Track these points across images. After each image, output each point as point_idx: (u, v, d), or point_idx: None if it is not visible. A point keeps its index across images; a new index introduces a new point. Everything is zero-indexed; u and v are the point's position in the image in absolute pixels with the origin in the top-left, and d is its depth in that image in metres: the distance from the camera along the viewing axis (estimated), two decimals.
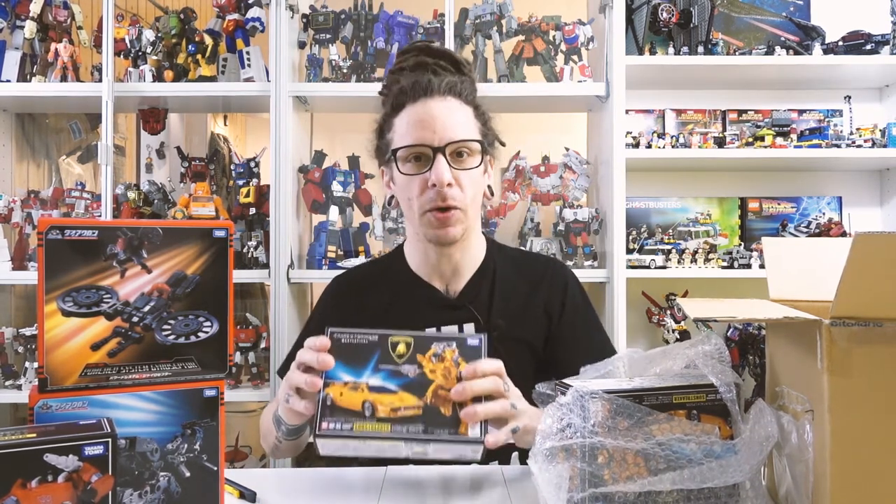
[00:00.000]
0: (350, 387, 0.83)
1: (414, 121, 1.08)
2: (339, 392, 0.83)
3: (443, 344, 0.87)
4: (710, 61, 2.11)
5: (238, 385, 2.08)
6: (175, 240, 0.70)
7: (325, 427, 0.81)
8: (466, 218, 1.11)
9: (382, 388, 0.83)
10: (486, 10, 2.11)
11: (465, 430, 0.82)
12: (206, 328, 0.72)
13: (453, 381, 0.84)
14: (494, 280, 1.19)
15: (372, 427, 0.81)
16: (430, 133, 1.06)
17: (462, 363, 0.85)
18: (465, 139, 1.08)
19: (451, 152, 1.07)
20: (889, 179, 2.31)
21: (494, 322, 1.14)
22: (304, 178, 2.16)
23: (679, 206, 2.27)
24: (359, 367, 0.84)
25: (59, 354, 0.66)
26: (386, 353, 0.85)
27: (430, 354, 0.86)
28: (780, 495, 0.77)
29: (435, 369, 0.85)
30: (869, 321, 0.63)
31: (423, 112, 1.08)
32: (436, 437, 0.81)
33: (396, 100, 1.11)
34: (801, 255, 0.93)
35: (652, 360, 0.82)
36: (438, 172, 1.05)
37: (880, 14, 2.27)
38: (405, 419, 0.82)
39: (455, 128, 1.07)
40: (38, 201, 2.15)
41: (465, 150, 1.09)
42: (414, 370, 0.85)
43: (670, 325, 2.17)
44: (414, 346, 0.86)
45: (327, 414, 0.82)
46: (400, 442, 0.81)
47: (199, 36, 2.12)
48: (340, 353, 0.85)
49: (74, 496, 0.58)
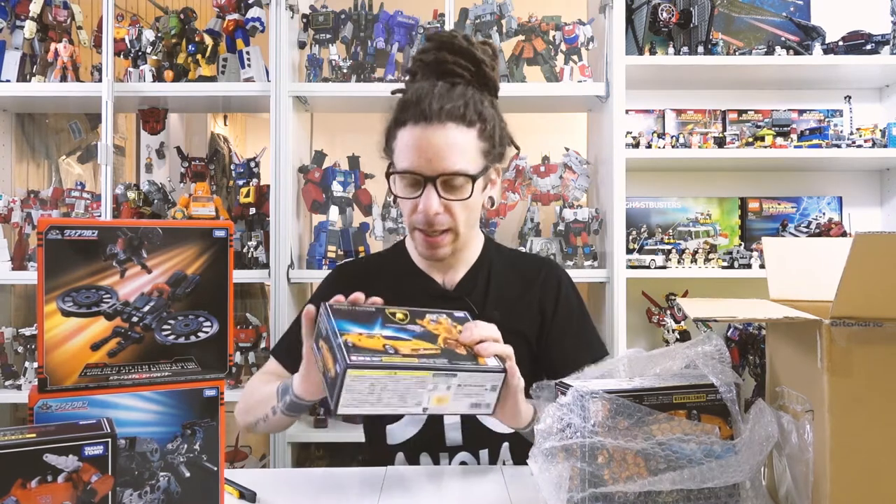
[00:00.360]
0: (366, 336, 0.83)
1: (410, 146, 1.08)
2: (357, 338, 0.82)
3: (435, 314, 0.92)
4: (710, 61, 2.11)
5: (238, 385, 2.08)
6: (175, 240, 0.70)
7: (356, 359, 0.78)
8: (457, 238, 1.13)
9: (396, 337, 0.85)
10: (486, 10, 2.11)
11: (485, 362, 0.86)
12: (206, 328, 0.72)
13: (456, 335, 0.88)
14: (490, 274, 1.21)
15: (400, 360, 0.80)
16: (424, 162, 1.06)
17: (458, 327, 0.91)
18: (457, 171, 1.07)
19: (443, 182, 1.07)
20: (889, 179, 2.31)
21: (490, 313, 1.16)
22: (304, 178, 2.16)
23: (679, 206, 2.27)
24: (367, 325, 0.86)
25: (59, 354, 0.66)
26: (387, 319, 0.88)
27: (428, 320, 0.91)
28: (780, 495, 0.77)
29: (437, 328, 0.89)
30: (869, 321, 0.63)
31: (420, 139, 1.07)
32: (461, 367, 0.83)
33: (400, 113, 1.11)
34: (802, 255, 0.93)
35: (653, 361, 0.82)
36: (427, 203, 1.07)
37: (880, 14, 2.27)
38: (428, 356, 0.82)
39: (449, 159, 1.06)
40: (38, 201, 2.15)
41: (458, 181, 1.08)
42: (418, 328, 0.88)
43: (670, 325, 2.17)
44: (411, 315, 0.90)
45: (353, 351, 0.79)
46: (428, 374, 0.80)
47: (199, 36, 2.12)
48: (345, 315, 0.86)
49: (74, 496, 0.58)
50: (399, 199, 1.13)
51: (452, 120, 1.07)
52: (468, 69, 1.12)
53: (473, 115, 1.09)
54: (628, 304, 2.02)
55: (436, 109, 1.06)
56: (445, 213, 1.08)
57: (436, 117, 1.06)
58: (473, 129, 1.09)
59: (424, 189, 1.07)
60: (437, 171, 1.06)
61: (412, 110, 1.08)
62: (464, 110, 1.07)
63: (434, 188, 1.06)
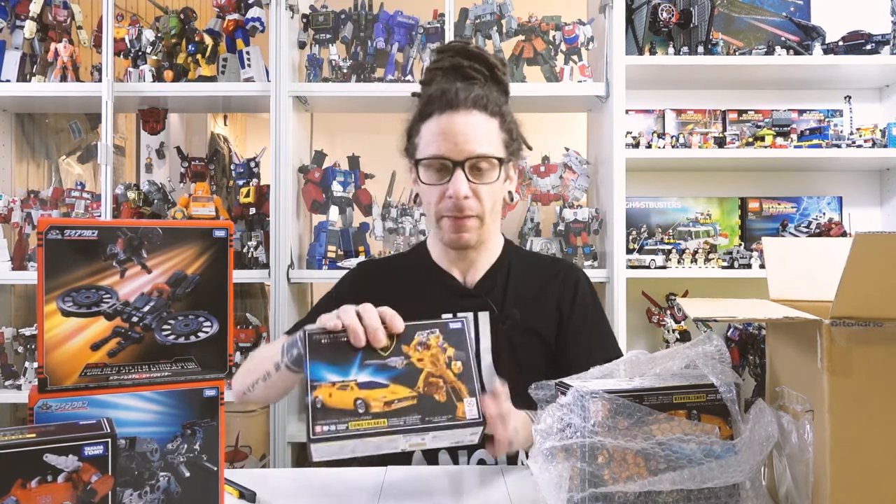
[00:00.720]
0: (339, 386, 0.80)
1: (437, 133, 1.12)
2: (328, 393, 0.79)
3: (426, 332, 0.85)
4: (710, 61, 2.11)
5: None
6: (175, 240, 0.70)
7: (320, 430, 0.77)
8: (482, 225, 1.15)
9: (372, 383, 0.81)
10: (486, 10, 2.11)
11: (463, 412, 0.81)
12: (206, 328, 0.72)
13: (442, 366, 0.83)
14: (509, 274, 1.24)
15: (368, 424, 0.78)
16: (452, 146, 1.10)
17: (449, 348, 0.84)
18: (484, 154, 1.11)
19: (471, 166, 1.11)
20: (889, 179, 2.31)
21: (509, 311, 1.18)
22: (304, 178, 2.16)
23: (679, 206, 2.27)
24: (344, 366, 0.81)
25: (59, 354, 0.66)
26: (369, 349, 0.83)
27: (415, 344, 0.84)
28: (780, 495, 0.77)
29: (422, 357, 0.84)
30: (869, 321, 0.63)
31: (447, 125, 1.11)
32: (434, 425, 0.80)
33: (424, 108, 1.15)
34: (802, 255, 0.93)
35: (654, 362, 0.82)
36: (456, 186, 1.10)
37: (880, 14, 2.27)
38: (400, 411, 0.80)
39: (476, 142, 1.11)
40: (38, 201, 2.15)
41: (486, 164, 1.12)
42: (401, 361, 0.83)
43: (670, 325, 2.17)
44: (397, 339, 0.84)
45: (319, 417, 0.78)
46: (398, 435, 0.79)
47: (199, 36, 2.12)
48: (322, 354, 0.82)
49: (74, 496, 0.58)
50: (425, 189, 1.16)
51: (478, 108, 1.12)
52: (483, 72, 1.19)
53: (495, 107, 1.15)
54: (628, 304, 2.02)
55: (462, 98, 1.12)
56: (474, 198, 1.12)
57: (462, 104, 1.11)
58: (496, 119, 1.14)
59: (453, 174, 1.10)
60: (466, 155, 1.10)
61: (437, 102, 1.13)
62: (486, 101, 1.13)
63: (463, 172, 1.10)
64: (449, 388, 0.82)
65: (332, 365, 0.81)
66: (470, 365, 0.84)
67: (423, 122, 1.15)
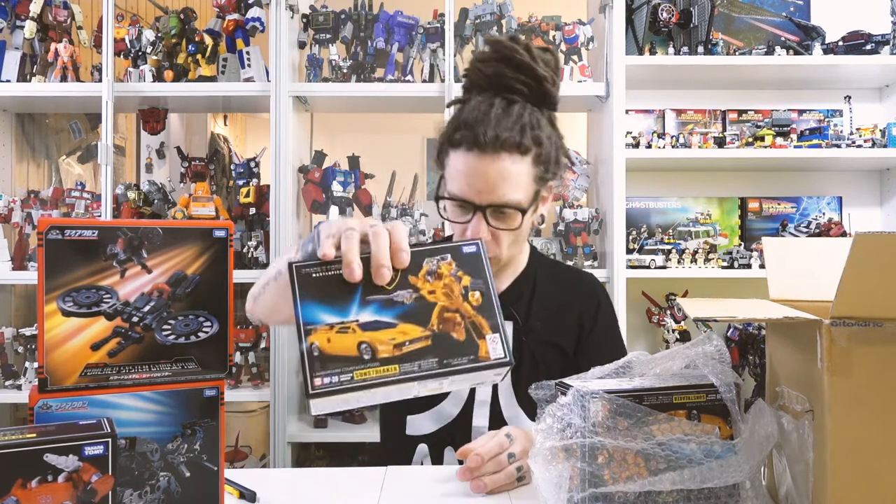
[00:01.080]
0: (338, 329, 0.68)
1: (462, 172, 1.05)
2: (325, 338, 0.67)
3: (435, 258, 0.73)
4: (710, 61, 2.11)
5: (238, 385, 2.08)
6: (175, 240, 0.70)
7: (320, 383, 0.66)
8: (502, 259, 1.12)
9: (377, 322, 0.69)
10: (486, 10, 2.11)
11: (486, 352, 0.70)
12: (206, 328, 0.72)
13: (458, 298, 0.71)
14: (535, 286, 1.22)
15: (376, 372, 0.67)
16: (475, 192, 1.04)
17: (464, 277, 0.72)
18: (507, 203, 1.05)
19: (492, 211, 1.06)
20: (889, 179, 2.31)
21: (532, 324, 1.17)
22: (304, 178, 2.16)
23: (679, 206, 2.27)
24: (342, 304, 0.69)
25: (59, 354, 0.66)
26: (370, 282, 0.70)
27: (424, 273, 0.72)
28: (780, 495, 0.77)
29: (434, 289, 0.71)
30: (869, 321, 0.63)
31: (472, 167, 1.04)
32: (455, 368, 0.69)
33: (454, 132, 1.07)
34: (801, 255, 0.93)
35: (654, 363, 0.82)
36: (474, 231, 1.05)
37: (880, 14, 2.27)
38: (413, 354, 0.68)
39: (500, 191, 1.04)
40: (38, 201, 2.15)
41: (508, 211, 1.06)
42: (409, 295, 0.71)
43: (670, 325, 2.17)
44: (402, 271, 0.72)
45: (317, 367, 0.66)
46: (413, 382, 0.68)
47: (199, 36, 2.12)
48: (314, 291, 0.69)
49: (74, 496, 0.58)
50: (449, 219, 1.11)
51: (506, 150, 1.03)
52: (528, 85, 1.07)
53: (529, 141, 1.04)
54: (628, 304, 2.02)
55: (490, 138, 1.02)
56: (493, 241, 1.07)
57: (490, 147, 1.02)
58: (528, 156, 1.05)
59: (473, 216, 1.05)
60: (487, 202, 1.04)
61: (467, 134, 1.04)
62: (520, 138, 1.03)
63: (483, 216, 1.05)
64: (468, 323, 0.70)
65: (328, 304, 0.69)
66: (490, 294, 0.72)
67: (452, 149, 1.07)
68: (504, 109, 1.05)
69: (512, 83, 1.06)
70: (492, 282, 0.73)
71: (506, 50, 1.06)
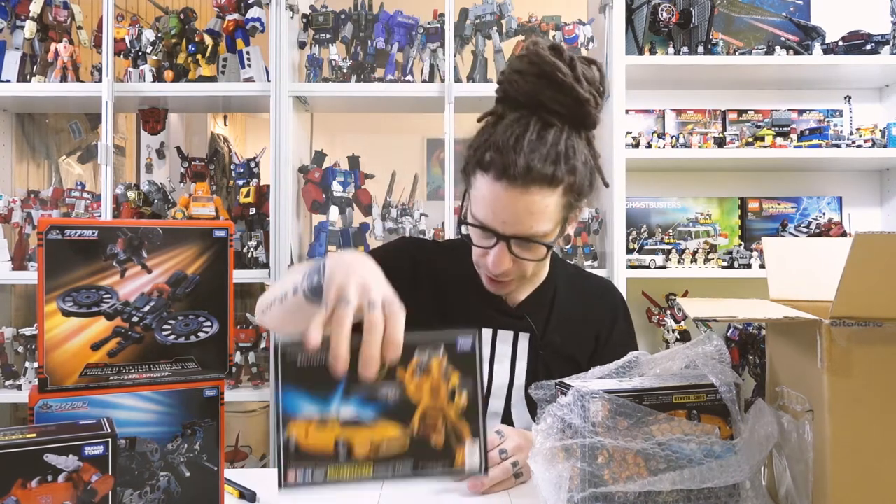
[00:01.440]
0: (317, 423, 0.68)
1: (488, 201, 1.00)
2: (303, 432, 0.68)
3: (427, 351, 0.70)
4: (710, 61, 2.11)
5: (238, 385, 2.08)
6: (175, 240, 0.70)
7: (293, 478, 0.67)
8: (522, 280, 1.10)
9: (357, 419, 0.68)
10: (486, 10, 2.11)
11: (462, 461, 0.70)
12: (206, 328, 0.72)
13: (443, 400, 0.70)
14: (555, 297, 1.19)
15: (350, 472, 0.68)
16: (499, 222, 1.00)
17: (453, 375, 0.70)
18: (532, 236, 1.00)
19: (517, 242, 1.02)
20: (889, 179, 2.31)
21: (550, 339, 1.16)
22: (304, 178, 2.16)
23: (679, 206, 2.27)
24: (325, 395, 0.68)
25: (59, 354, 0.66)
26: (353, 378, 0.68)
27: (413, 367, 0.70)
28: (780, 495, 0.77)
29: (420, 386, 0.70)
30: (869, 321, 0.63)
31: (499, 198, 0.98)
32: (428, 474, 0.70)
33: (483, 154, 1.00)
34: (801, 255, 0.93)
35: (654, 363, 0.82)
36: (495, 261, 1.02)
37: (880, 14, 2.27)
38: (389, 457, 0.69)
39: (526, 223, 0.99)
40: (38, 201, 2.15)
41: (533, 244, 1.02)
42: (394, 391, 0.69)
43: (670, 325, 2.17)
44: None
45: (293, 461, 0.67)
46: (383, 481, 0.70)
47: (199, 36, 2.12)
48: (298, 378, 0.68)
49: (74, 496, 0.58)
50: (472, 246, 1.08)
51: (537, 183, 0.97)
52: (568, 107, 0.99)
53: (562, 173, 0.98)
54: (628, 304, 2.02)
55: (521, 170, 0.95)
56: (515, 266, 1.04)
57: (520, 180, 0.96)
58: (559, 187, 0.99)
59: (496, 245, 1.02)
60: (511, 233, 1.00)
61: (497, 160, 0.97)
62: (553, 170, 0.97)
63: (507, 246, 1.01)
64: (449, 427, 0.70)
65: (311, 393, 0.68)
66: (477, 397, 0.71)
67: (480, 171, 1.01)
68: (539, 135, 0.98)
69: (550, 104, 0.98)
70: (481, 383, 0.72)
71: (547, 66, 0.97)
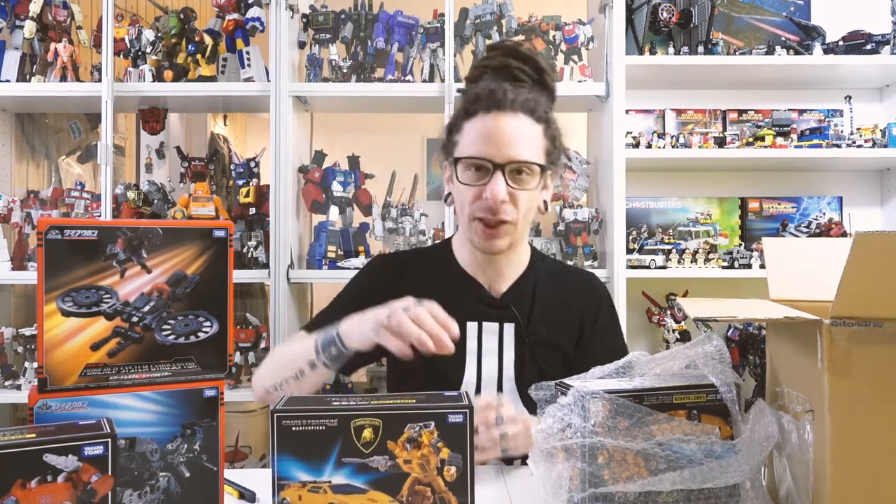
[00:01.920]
0: (310, 488, 0.70)
1: (481, 133, 1.09)
2: (297, 496, 0.70)
3: (418, 425, 0.72)
4: (710, 61, 2.11)
5: (238, 385, 2.08)
6: (175, 240, 0.70)
7: None
8: (515, 231, 1.13)
9: (349, 486, 0.71)
10: (486, 10, 2.11)
11: None
12: (206, 328, 0.72)
13: (432, 472, 0.72)
14: (536, 287, 1.22)
15: None
16: (494, 149, 1.07)
17: (443, 449, 0.72)
18: (527, 160, 1.08)
19: (511, 170, 1.08)
20: (889, 179, 2.31)
21: (535, 328, 1.17)
22: (304, 178, 2.16)
23: (679, 206, 2.27)
24: (318, 462, 0.71)
25: (59, 354, 0.66)
26: (349, 443, 0.71)
27: (404, 440, 0.72)
28: (780, 495, 0.77)
29: (410, 459, 0.72)
30: (869, 321, 0.63)
31: (492, 126, 1.08)
32: None
33: (470, 105, 1.12)
34: (802, 255, 0.93)
35: (654, 363, 0.82)
36: (494, 189, 1.07)
37: (880, 14, 2.27)
38: None
39: (520, 147, 1.08)
40: (38, 201, 2.15)
41: (526, 170, 1.09)
42: (384, 462, 0.71)
43: (670, 325, 2.17)
44: (383, 431, 0.71)
45: None
46: None
47: (198, 36, 2.12)
48: (293, 445, 0.71)
49: (74, 496, 0.58)
50: (461, 189, 1.13)
51: (525, 112, 1.09)
52: (531, 76, 1.15)
53: (542, 112, 1.12)
54: (628, 304, 2.02)
55: (510, 99, 1.08)
56: (510, 203, 1.09)
57: (509, 106, 1.08)
58: (541, 125, 1.11)
59: (492, 175, 1.07)
60: (508, 158, 1.07)
61: (484, 101, 1.10)
62: (535, 105, 1.10)
63: (502, 175, 1.07)
64: (437, 498, 0.72)
65: (304, 460, 0.71)
66: (466, 471, 0.72)
67: (468, 120, 1.12)
68: (515, 86, 1.12)
69: (517, 72, 1.14)
70: (471, 456, 0.73)
71: (510, 44, 1.18)
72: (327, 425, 0.71)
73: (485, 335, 1.17)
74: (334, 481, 0.71)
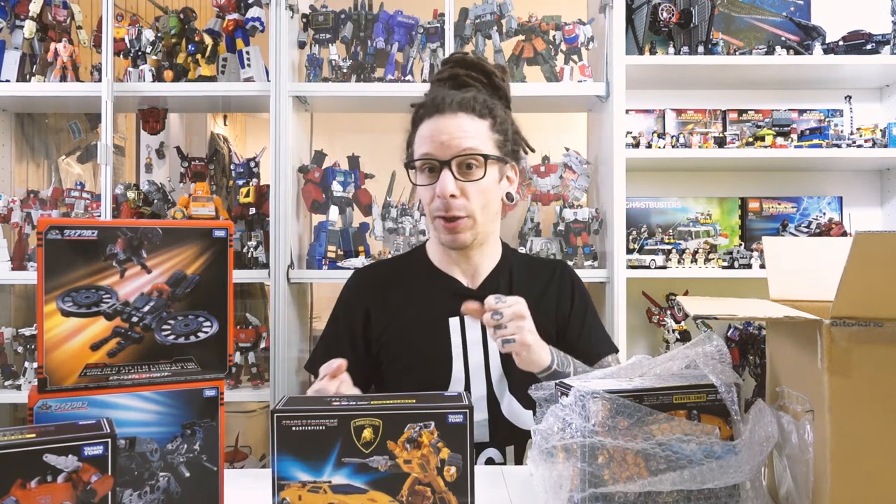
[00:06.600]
0: (310, 488, 0.71)
1: (426, 136, 1.16)
2: (297, 496, 0.70)
3: (418, 425, 0.72)
4: (710, 61, 2.11)
5: (238, 385, 2.08)
6: (175, 240, 0.70)
7: None
8: (476, 224, 1.17)
9: (349, 486, 0.71)
10: (486, 10, 2.11)
11: None
12: (206, 328, 0.72)
13: (432, 472, 0.72)
14: (512, 276, 1.27)
15: None
16: (438, 146, 1.14)
17: (443, 449, 0.72)
18: (469, 150, 1.14)
19: (459, 164, 1.14)
20: (889, 179, 2.31)
21: None
22: (304, 178, 2.16)
23: (679, 206, 2.27)
24: (318, 463, 0.71)
25: (59, 354, 0.66)
26: (349, 443, 0.71)
27: (404, 440, 0.72)
28: (780, 495, 0.77)
29: (410, 459, 0.72)
30: (869, 321, 0.63)
31: (434, 128, 1.16)
32: None
33: (416, 116, 1.22)
34: (802, 255, 0.93)
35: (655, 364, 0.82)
36: (442, 185, 1.13)
37: (880, 14, 2.27)
38: None
39: (461, 141, 1.14)
40: (38, 201, 2.15)
41: (473, 163, 1.15)
42: (384, 462, 0.72)
43: (670, 325, 2.17)
44: (383, 431, 0.72)
45: None
46: None
47: (198, 36, 2.11)
48: (293, 446, 0.71)
49: (74, 496, 0.58)
50: (420, 191, 1.20)
51: (464, 110, 1.16)
52: (480, 80, 1.24)
53: (484, 109, 1.18)
54: (628, 304, 2.02)
55: (448, 101, 1.17)
56: (462, 197, 1.14)
57: (448, 107, 1.16)
58: (485, 120, 1.18)
59: (440, 173, 1.13)
60: (451, 153, 1.13)
61: (427, 108, 1.18)
62: (474, 104, 1.17)
63: (449, 170, 1.13)
64: (437, 498, 0.72)
65: (304, 460, 0.71)
66: (466, 471, 0.73)
67: (416, 130, 1.20)
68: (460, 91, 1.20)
69: (465, 79, 1.23)
70: (471, 457, 0.73)
71: (457, 56, 1.28)
72: (327, 425, 0.71)
73: (468, 328, 1.21)
74: (334, 481, 0.71)
